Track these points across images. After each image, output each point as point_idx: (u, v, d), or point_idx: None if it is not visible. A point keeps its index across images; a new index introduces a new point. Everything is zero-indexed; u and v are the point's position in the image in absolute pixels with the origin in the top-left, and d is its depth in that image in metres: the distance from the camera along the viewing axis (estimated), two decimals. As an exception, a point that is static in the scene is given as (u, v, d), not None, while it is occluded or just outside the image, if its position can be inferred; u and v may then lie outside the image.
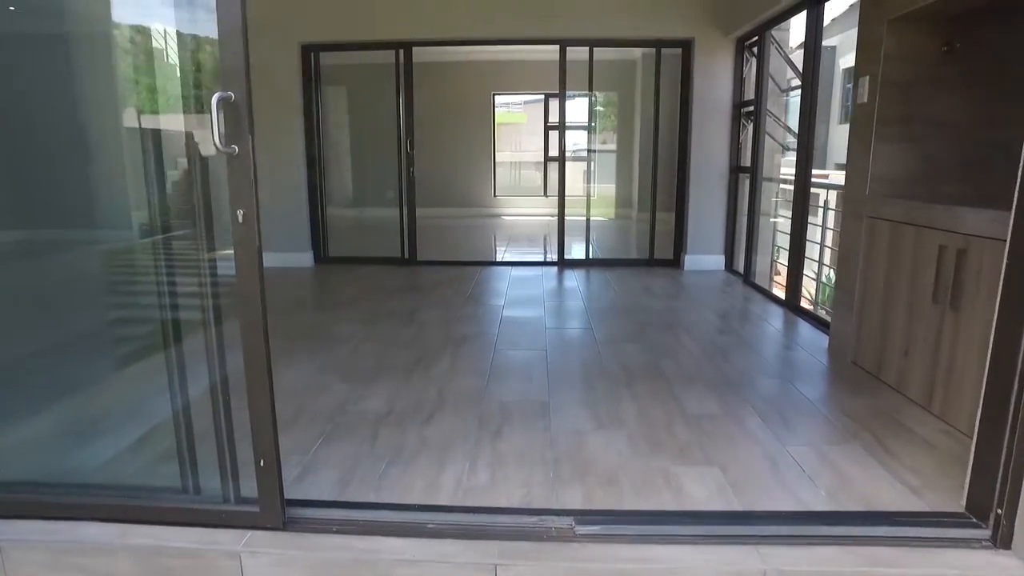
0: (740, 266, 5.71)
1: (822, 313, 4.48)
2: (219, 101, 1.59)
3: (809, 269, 5.00)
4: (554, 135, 11.02)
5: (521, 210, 10.78)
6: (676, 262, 6.13)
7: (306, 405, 2.81)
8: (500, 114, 12.28)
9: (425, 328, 3.97)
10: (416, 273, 5.81)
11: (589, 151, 7.55)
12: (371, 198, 7.08)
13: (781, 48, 5.00)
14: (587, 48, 5.84)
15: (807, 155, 4.26)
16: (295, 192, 6.03)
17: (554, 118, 10.89)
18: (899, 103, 3.03)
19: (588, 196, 6.51)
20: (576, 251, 6.34)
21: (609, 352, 3.51)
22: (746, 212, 5.51)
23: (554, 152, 10.95)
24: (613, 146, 9.64)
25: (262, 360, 1.76)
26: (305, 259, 6.14)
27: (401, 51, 5.83)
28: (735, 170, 5.76)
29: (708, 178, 5.83)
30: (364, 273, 5.76)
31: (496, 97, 10.77)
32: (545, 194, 10.95)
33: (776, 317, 4.31)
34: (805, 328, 4.04)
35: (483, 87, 10.41)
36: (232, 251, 1.68)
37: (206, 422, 1.95)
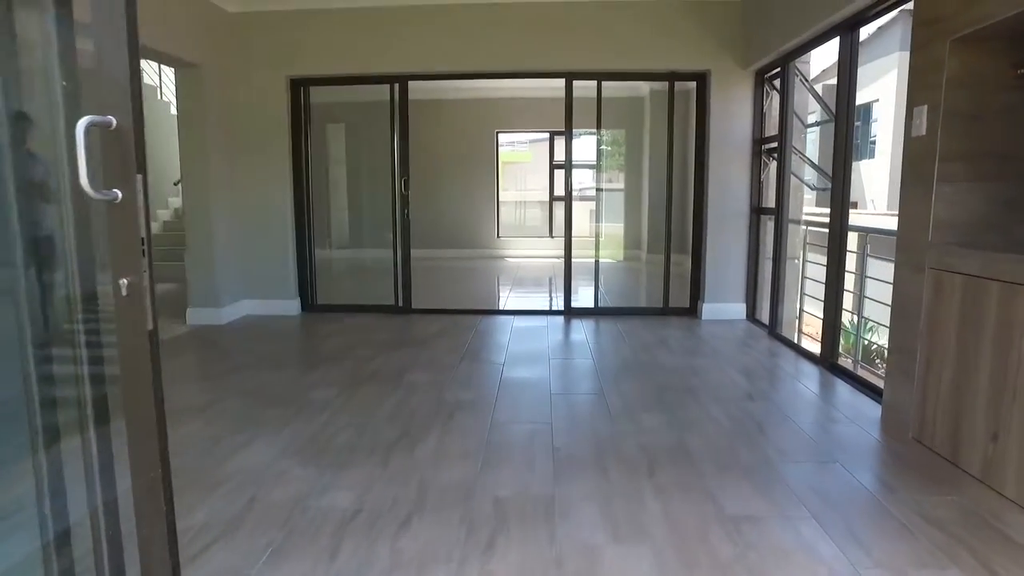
0: (763, 315, 5.22)
1: (861, 370, 3.97)
2: (89, 128, 1.13)
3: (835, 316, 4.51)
4: (560, 174, 10.69)
5: (525, 251, 10.36)
6: (693, 310, 5.63)
7: (259, 498, 2.30)
8: (505, 152, 11.98)
9: (413, 394, 3.47)
10: (410, 323, 5.34)
11: (597, 190, 7.15)
12: (364, 241, 6.67)
13: (806, 80, 4.60)
14: (595, 82, 5.45)
15: (842, 194, 3.80)
16: (281, 234, 5.61)
17: (560, 156, 10.57)
18: (965, 136, 2.58)
19: (597, 237, 6.04)
20: (584, 297, 5.87)
21: (625, 426, 2.99)
22: (770, 257, 5.05)
23: (560, 191, 10.59)
24: (620, 185, 9.27)
25: (157, 481, 1.28)
26: (291, 307, 5.67)
27: (396, 85, 5.47)
28: (756, 211, 5.31)
29: (727, 220, 5.37)
30: (353, 324, 5.29)
31: (500, 135, 10.43)
32: (550, 235, 10.54)
33: (810, 377, 3.79)
34: (845, 391, 3.52)
35: (486, 124, 10.10)
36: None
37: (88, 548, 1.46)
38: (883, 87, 13.67)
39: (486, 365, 4.05)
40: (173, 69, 5.07)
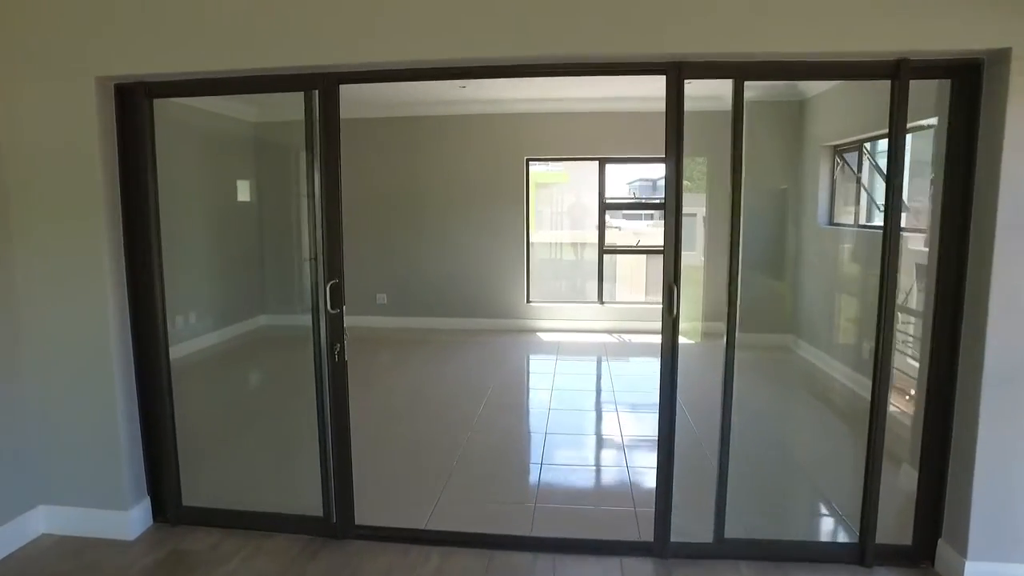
0: None
1: None
2: None
3: None
4: (612, 219, 7.87)
5: (565, 323, 7.48)
6: (924, 554, 2.71)
7: None
8: (536, 173, 9.10)
9: None
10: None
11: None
12: (266, 381, 3.91)
13: None
14: (730, 82, 2.61)
15: None
16: (99, 374, 2.85)
17: (613, 192, 7.77)
18: None
19: (730, 331, 3.11)
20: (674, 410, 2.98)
21: None
22: None
23: (616, 239, 7.81)
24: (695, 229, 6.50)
25: None
26: (126, 524, 2.91)
27: (315, 93, 2.69)
28: (1102, 362, 2.39)
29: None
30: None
31: (531, 163, 7.62)
32: (600, 300, 7.64)
33: None
34: None
35: (512, 149, 7.33)
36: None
37: None
38: None
39: None
40: None
